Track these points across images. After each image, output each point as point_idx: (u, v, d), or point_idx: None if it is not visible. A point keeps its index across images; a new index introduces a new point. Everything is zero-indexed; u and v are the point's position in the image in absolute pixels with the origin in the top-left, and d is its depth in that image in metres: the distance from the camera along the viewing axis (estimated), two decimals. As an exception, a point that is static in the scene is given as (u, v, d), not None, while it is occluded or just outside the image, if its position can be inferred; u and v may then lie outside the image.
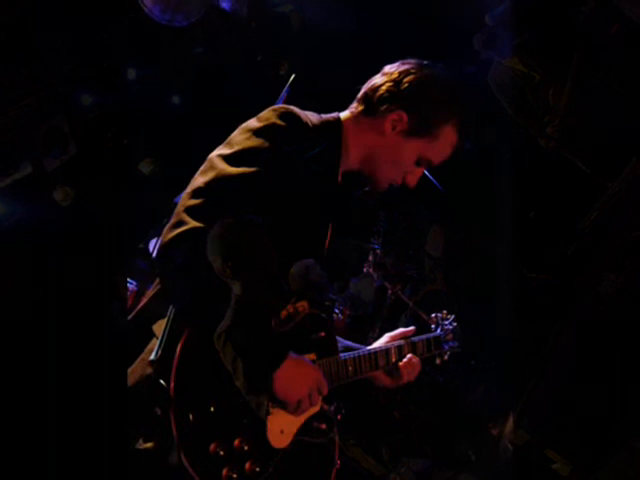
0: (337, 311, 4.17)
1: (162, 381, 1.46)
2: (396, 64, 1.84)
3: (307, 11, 4.19)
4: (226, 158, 1.59)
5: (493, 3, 3.99)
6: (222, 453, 1.49)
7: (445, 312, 2.36)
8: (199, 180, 1.57)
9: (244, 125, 1.69)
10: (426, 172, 1.94)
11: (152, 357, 1.51)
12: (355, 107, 1.85)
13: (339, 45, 4.14)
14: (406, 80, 1.78)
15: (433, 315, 2.35)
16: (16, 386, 1.21)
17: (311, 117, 1.74)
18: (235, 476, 1.51)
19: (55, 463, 1.23)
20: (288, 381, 1.57)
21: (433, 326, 2.34)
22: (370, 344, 2.08)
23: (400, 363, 2.05)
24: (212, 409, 1.50)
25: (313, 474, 1.75)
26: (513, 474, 3.73)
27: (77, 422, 1.25)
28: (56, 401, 1.24)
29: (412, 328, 2.16)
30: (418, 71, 1.79)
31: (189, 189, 1.57)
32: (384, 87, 1.79)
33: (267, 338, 1.57)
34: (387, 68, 1.84)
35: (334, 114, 1.85)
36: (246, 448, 1.54)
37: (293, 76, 2.48)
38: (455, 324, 2.33)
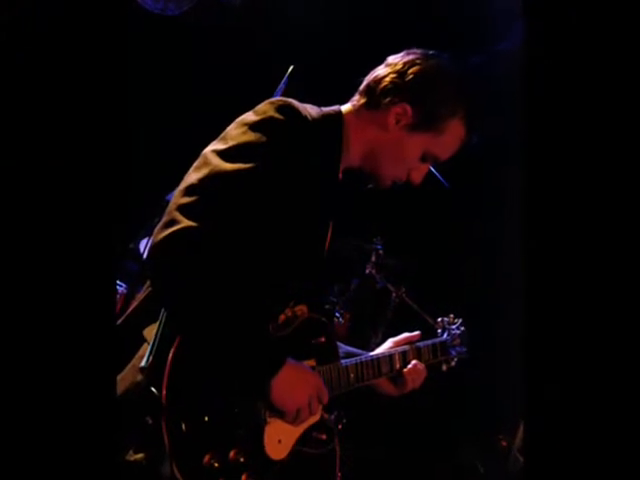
0: (338, 315, 4.16)
1: (153, 389, 1.46)
2: (400, 54, 1.83)
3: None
4: (221, 153, 1.59)
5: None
6: (217, 465, 1.49)
7: (452, 316, 2.36)
8: (192, 177, 1.56)
9: (240, 119, 1.69)
10: (431, 168, 1.94)
11: (143, 364, 1.50)
12: (357, 100, 1.85)
13: (340, 34, 4.13)
14: (411, 71, 1.77)
15: (439, 319, 2.35)
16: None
17: (310, 110, 1.74)
18: (230, 489, 1.51)
19: (41, 476, 1.23)
20: (286, 389, 1.57)
21: (439, 331, 2.34)
22: (373, 350, 2.08)
23: (404, 370, 2.05)
24: (206, 418, 1.50)
25: (313, 487, 1.75)
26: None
27: (63, 432, 1.25)
28: (40, 410, 1.24)
29: (417, 333, 2.16)
30: (423, 62, 1.79)
31: (182, 186, 1.56)
32: (387, 79, 1.79)
33: (264, 343, 1.57)
34: (391, 59, 1.84)
35: (335, 107, 1.84)
36: (242, 459, 1.53)
37: (292, 67, 2.48)
38: (463, 328, 2.34)
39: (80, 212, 1.30)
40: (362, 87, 1.85)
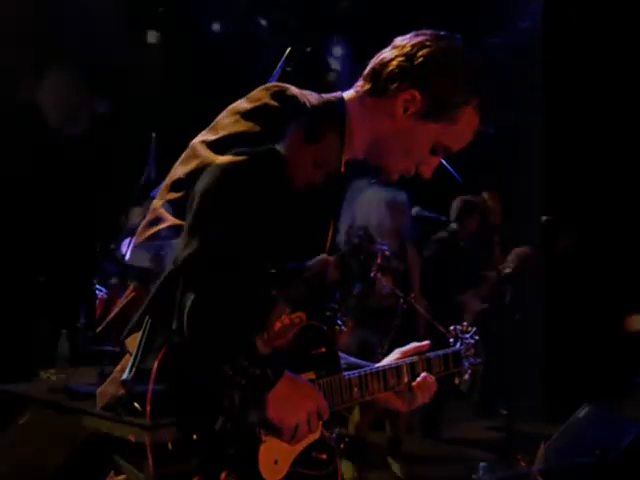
0: (339, 322, 4.16)
1: (136, 404, 1.46)
2: (409, 36, 1.83)
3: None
4: (210, 145, 1.59)
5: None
6: (206, 488, 1.49)
7: (466, 324, 2.35)
8: (179, 170, 1.56)
9: (232, 106, 1.69)
10: (443, 161, 1.94)
11: (125, 376, 1.50)
12: (361, 85, 1.84)
13: (345, 12, 4.14)
14: (420, 54, 1.77)
15: (452, 328, 2.35)
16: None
17: (309, 97, 1.73)
18: (221, 515, 1.51)
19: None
20: (283, 404, 1.57)
21: (452, 340, 2.33)
22: (378, 361, 2.08)
23: (413, 383, 2.05)
24: (194, 437, 1.49)
25: (312, 512, 1.75)
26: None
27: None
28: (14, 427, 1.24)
29: (427, 342, 2.16)
30: (434, 44, 1.78)
31: (168, 181, 1.56)
32: (395, 62, 1.79)
33: (259, 354, 1.56)
34: (398, 40, 1.83)
35: (337, 93, 1.84)
36: (234, 482, 1.53)
37: (289, 49, 2.48)
38: (477, 338, 2.33)
39: (60, 210, 1.30)
40: (366, 71, 1.85)
